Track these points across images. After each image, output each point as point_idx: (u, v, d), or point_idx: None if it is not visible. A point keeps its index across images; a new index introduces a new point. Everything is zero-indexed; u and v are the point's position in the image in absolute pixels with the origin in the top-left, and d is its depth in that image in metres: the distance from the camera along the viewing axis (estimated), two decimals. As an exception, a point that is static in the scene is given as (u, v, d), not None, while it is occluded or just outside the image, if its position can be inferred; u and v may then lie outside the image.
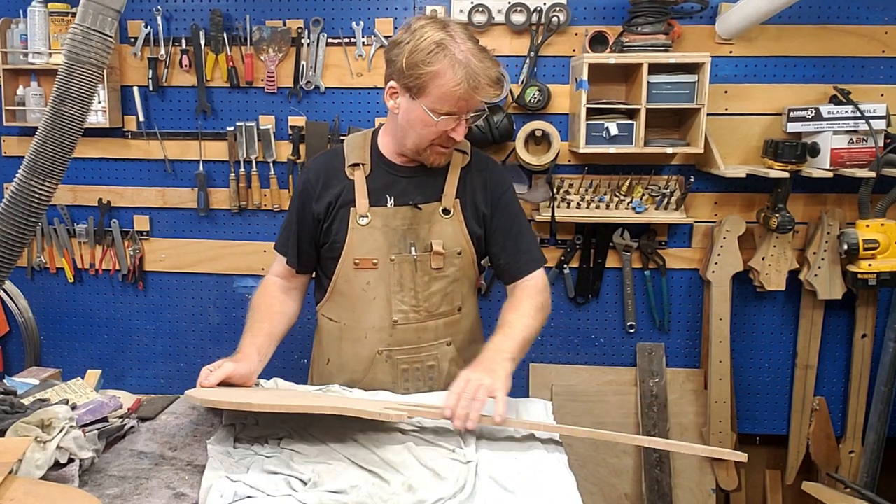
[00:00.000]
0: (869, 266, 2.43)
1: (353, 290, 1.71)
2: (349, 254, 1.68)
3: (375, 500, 1.17)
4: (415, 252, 1.67)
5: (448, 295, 1.72)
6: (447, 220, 1.69)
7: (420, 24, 1.55)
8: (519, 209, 1.78)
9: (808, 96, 2.55)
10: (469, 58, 1.50)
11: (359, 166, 1.70)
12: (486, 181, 1.74)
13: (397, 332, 1.70)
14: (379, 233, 1.67)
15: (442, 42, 1.50)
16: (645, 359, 2.74)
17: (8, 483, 1.05)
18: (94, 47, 1.24)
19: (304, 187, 1.74)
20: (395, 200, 1.68)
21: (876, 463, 2.61)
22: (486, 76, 1.51)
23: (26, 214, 1.25)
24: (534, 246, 1.77)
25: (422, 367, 1.73)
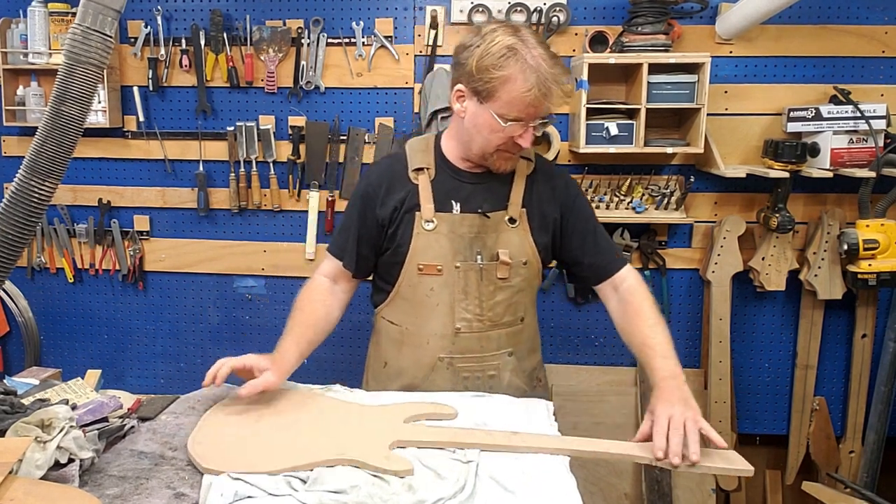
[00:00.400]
0: (869, 266, 2.43)
1: (416, 295, 1.68)
2: (413, 259, 1.65)
3: (375, 500, 1.17)
4: (481, 260, 1.64)
5: (512, 305, 1.69)
6: (513, 230, 1.66)
7: (491, 28, 1.52)
8: (591, 211, 1.75)
9: (808, 96, 2.55)
10: (540, 63, 1.47)
11: (423, 171, 1.67)
12: (555, 188, 1.70)
13: (460, 340, 1.67)
14: (445, 239, 1.64)
15: (513, 47, 1.47)
16: (645, 359, 2.73)
17: (8, 483, 1.05)
18: (94, 47, 1.24)
19: (365, 192, 1.70)
20: (462, 207, 1.64)
21: (876, 463, 2.61)
22: (557, 83, 1.48)
23: (26, 214, 1.25)
24: (613, 245, 1.76)
25: (482, 377, 1.70)
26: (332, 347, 2.88)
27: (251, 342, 2.91)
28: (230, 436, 1.36)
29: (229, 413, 1.46)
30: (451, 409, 1.49)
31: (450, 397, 1.58)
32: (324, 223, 2.77)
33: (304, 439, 1.35)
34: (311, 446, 1.32)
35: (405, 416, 1.45)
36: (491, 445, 1.36)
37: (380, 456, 1.29)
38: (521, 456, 1.33)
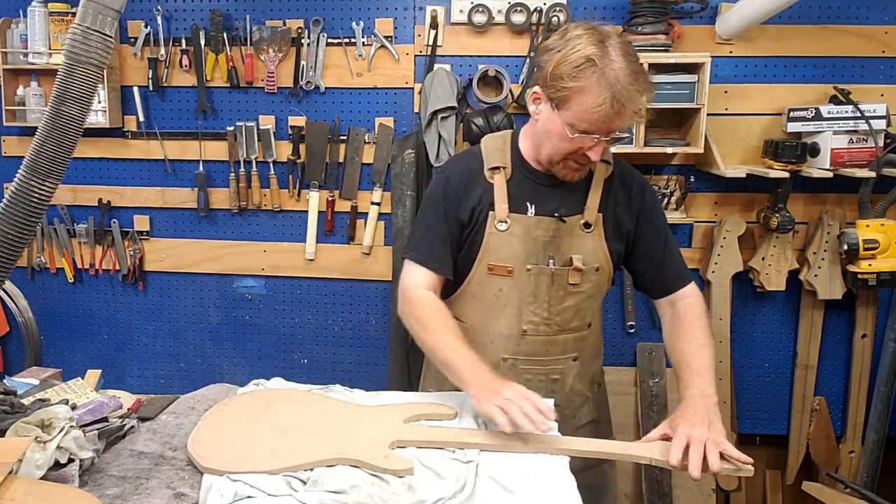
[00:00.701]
0: (869, 266, 2.43)
1: (484, 294, 1.65)
2: (484, 258, 1.62)
3: (375, 500, 1.17)
4: (553, 265, 1.61)
5: (581, 311, 1.66)
6: (587, 235, 1.62)
7: (576, 34, 1.44)
8: (664, 221, 1.70)
9: (808, 96, 2.55)
10: (619, 78, 1.39)
11: (499, 170, 1.62)
12: (631, 193, 1.66)
13: (525, 343, 1.64)
14: (518, 241, 1.60)
15: (592, 57, 1.40)
16: (645, 359, 2.74)
17: (8, 483, 1.05)
18: (94, 47, 1.24)
19: (446, 192, 1.64)
20: (536, 209, 1.60)
21: (876, 463, 2.61)
22: (633, 102, 1.41)
23: (26, 214, 1.25)
24: (681, 260, 1.70)
25: (545, 380, 1.67)
26: (332, 347, 2.88)
27: (251, 342, 2.91)
28: (230, 436, 1.36)
29: (229, 413, 1.46)
30: (450, 409, 1.49)
31: (449, 397, 1.58)
32: (324, 223, 2.77)
33: (303, 439, 1.35)
34: (310, 446, 1.32)
35: (405, 416, 1.45)
36: (491, 445, 1.36)
37: (379, 456, 1.29)
38: (520, 456, 1.33)
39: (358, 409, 1.50)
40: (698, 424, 1.34)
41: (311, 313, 2.88)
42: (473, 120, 2.50)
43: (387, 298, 2.79)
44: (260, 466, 1.24)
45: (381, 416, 1.46)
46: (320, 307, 2.86)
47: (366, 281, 2.82)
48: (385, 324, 2.81)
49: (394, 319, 2.73)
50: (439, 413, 1.48)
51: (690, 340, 1.57)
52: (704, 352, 1.54)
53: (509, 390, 1.36)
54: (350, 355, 2.89)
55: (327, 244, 2.81)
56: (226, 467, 1.24)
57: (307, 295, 2.86)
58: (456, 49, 2.62)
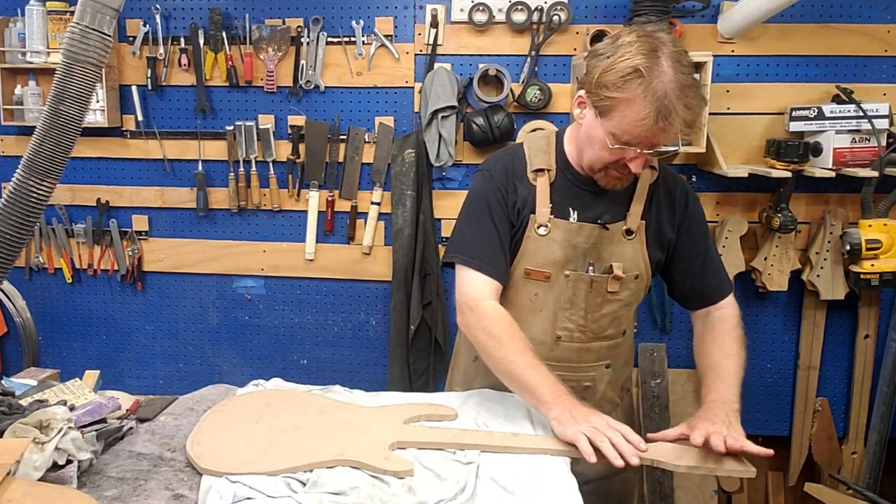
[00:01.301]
0: (871, 266, 2.43)
1: (519, 298, 1.61)
2: (522, 262, 1.58)
3: (375, 501, 1.16)
4: (593, 272, 1.57)
5: (616, 318, 1.62)
6: (629, 242, 1.57)
7: (627, 41, 1.39)
8: (706, 230, 1.66)
9: (810, 95, 2.54)
10: (667, 92, 1.33)
11: (543, 172, 1.57)
12: (674, 201, 1.61)
13: (558, 349, 1.61)
14: (557, 246, 1.56)
15: (640, 68, 1.34)
16: (646, 359, 2.73)
17: (6, 484, 1.04)
18: (92, 46, 1.24)
19: (495, 191, 1.58)
20: (579, 215, 1.56)
21: (878, 464, 2.60)
22: (682, 118, 1.35)
23: (24, 214, 1.24)
24: (721, 269, 1.67)
25: (577, 387, 1.60)
26: (332, 348, 2.87)
27: (251, 343, 2.90)
28: (229, 436, 1.35)
29: (228, 414, 1.45)
30: (450, 410, 1.48)
31: (449, 398, 1.58)
32: (323, 223, 2.76)
33: (303, 440, 1.34)
34: (310, 447, 1.31)
35: (405, 417, 1.44)
36: (491, 446, 1.35)
37: (379, 457, 1.28)
38: (521, 457, 1.32)
39: (357, 409, 1.50)
40: (718, 424, 1.33)
41: (311, 313, 2.87)
42: (474, 119, 2.49)
43: (387, 298, 2.79)
44: (260, 467, 1.24)
45: (381, 416, 1.45)
46: (320, 307, 2.85)
47: (366, 281, 2.82)
48: (385, 324, 2.80)
49: (394, 319, 2.73)
50: (439, 414, 1.48)
51: (720, 349, 1.56)
52: (733, 360, 1.53)
53: (598, 419, 1.31)
54: (350, 355, 2.88)
55: (327, 244, 2.80)
56: (225, 468, 1.23)
57: (307, 295, 2.85)
58: (456, 48, 2.62)
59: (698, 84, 1.42)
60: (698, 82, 1.41)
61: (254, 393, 1.58)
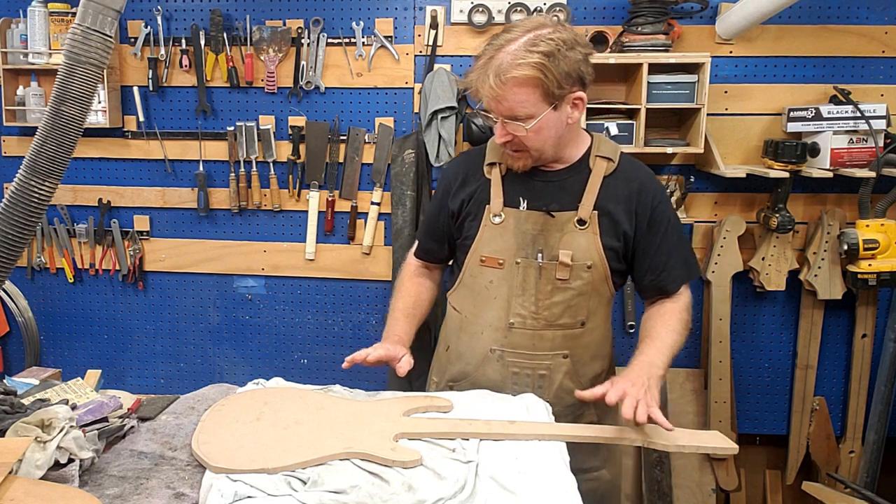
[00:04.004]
0: (869, 266, 2.43)
1: (476, 285, 1.70)
2: (477, 250, 1.67)
3: (375, 500, 1.17)
4: (541, 259, 1.62)
5: (571, 307, 1.65)
6: (581, 232, 1.61)
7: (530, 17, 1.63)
8: (670, 221, 1.67)
9: (808, 96, 2.55)
10: (496, 61, 1.48)
11: (496, 165, 1.68)
12: (633, 194, 1.63)
13: (512, 335, 1.66)
14: (510, 234, 1.64)
15: (495, 37, 1.52)
16: (645, 359, 2.73)
17: (8, 483, 1.05)
18: (94, 47, 1.24)
19: (443, 184, 1.77)
20: (529, 204, 1.63)
21: (876, 463, 2.61)
22: (490, 83, 1.48)
23: (26, 214, 1.25)
24: (681, 261, 1.68)
25: (532, 375, 1.67)
26: (331, 347, 2.88)
27: (251, 342, 2.91)
28: (235, 435, 1.36)
29: (228, 412, 1.46)
30: (446, 401, 1.51)
31: (450, 396, 1.59)
32: (324, 223, 2.77)
33: (308, 435, 1.35)
34: (316, 442, 1.32)
35: (403, 409, 1.46)
36: (489, 434, 1.36)
37: (386, 448, 1.29)
38: (521, 455, 1.33)
39: (355, 403, 1.51)
40: (637, 384, 1.40)
41: (311, 313, 2.88)
42: (473, 120, 2.50)
43: (387, 298, 2.79)
44: (270, 463, 1.25)
45: (379, 410, 1.47)
46: (320, 307, 2.86)
47: (366, 281, 2.82)
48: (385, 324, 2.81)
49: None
50: (436, 406, 1.49)
51: (664, 324, 1.62)
52: (673, 337, 1.58)
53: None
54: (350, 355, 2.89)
55: (327, 244, 2.81)
56: (236, 466, 1.24)
57: (307, 295, 2.86)
58: (456, 49, 2.62)
59: (536, 59, 1.46)
60: (545, 60, 1.46)
61: (251, 391, 1.59)
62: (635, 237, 1.65)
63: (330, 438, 1.33)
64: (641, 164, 1.71)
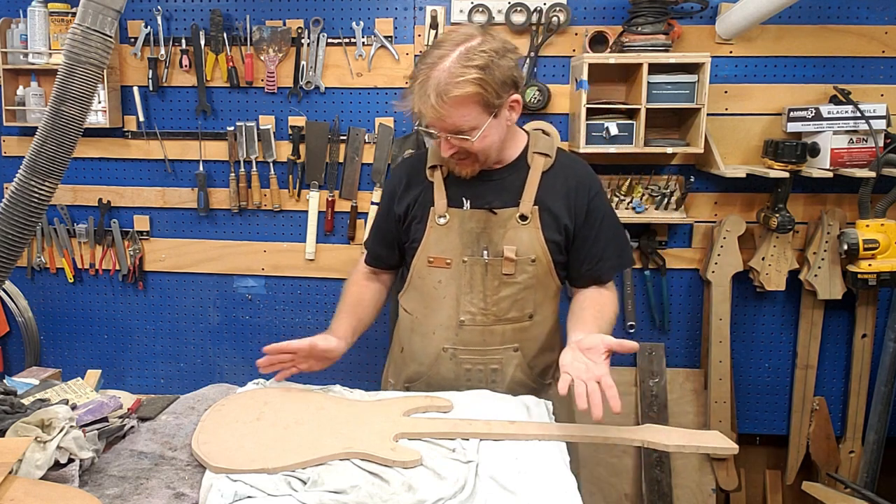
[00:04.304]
0: (869, 266, 2.43)
1: (425, 286, 1.73)
2: (424, 251, 1.71)
3: (375, 500, 1.17)
4: (487, 256, 1.66)
5: (518, 301, 1.69)
6: (524, 227, 1.66)
7: (453, 30, 1.56)
8: (605, 212, 1.73)
9: (808, 96, 2.55)
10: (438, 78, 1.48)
11: (437, 168, 1.72)
12: (570, 188, 1.69)
13: (463, 333, 1.70)
14: (455, 234, 1.68)
15: (426, 56, 1.52)
16: (645, 359, 2.74)
17: (8, 483, 1.05)
18: (94, 47, 1.25)
19: (388, 189, 1.81)
20: (471, 203, 1.67)
21: (876, 463, 2.61)
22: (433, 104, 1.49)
23: (26, 214, 1.25)
24: (616, 252, 1.74)
25: (485, 370, 1.72)
26: (332, 347, 2.87)
27: (251, 342, 2.91)
28: (235, 435, 1.36)
29: (228, 412, 1.46)
30: (446, 401, 1.51)
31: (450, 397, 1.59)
32: (324, 223, 2.77)
33: (308, 435, 1.36)
34: (317, 442, 1.32)
35: (403, 409, 1.46)
36: (489, 434, 1.36)
37: (386, 448, 1.29)
38: (520, 456, 1.33)
39: (355, 404, 1.51)
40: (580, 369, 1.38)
41: (311, 313, 2.88)
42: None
43: (387, 298, 2.79)
44: (270, 463, 1.25)
45: (379, 409, 1.47)
46: (320, 307, 2.86)
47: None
48: (385, 324, 2.81)
49: (394, 319, 2.73)
50: (436, 406, 1.50)
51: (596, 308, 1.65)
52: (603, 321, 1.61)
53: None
54: (350, 355, 2.86)
55: (327, 244, 2.81)
56: (236, 466, 1.24)
57: (307, 295, 2.86)
58: (456, 49, 2.62)
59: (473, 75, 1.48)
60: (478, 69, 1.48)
61: (251, 391, 1.59)
62: (574, 230, 1.70)
63: (330, 438, 1.33)
64: (578, 158, 1.78)
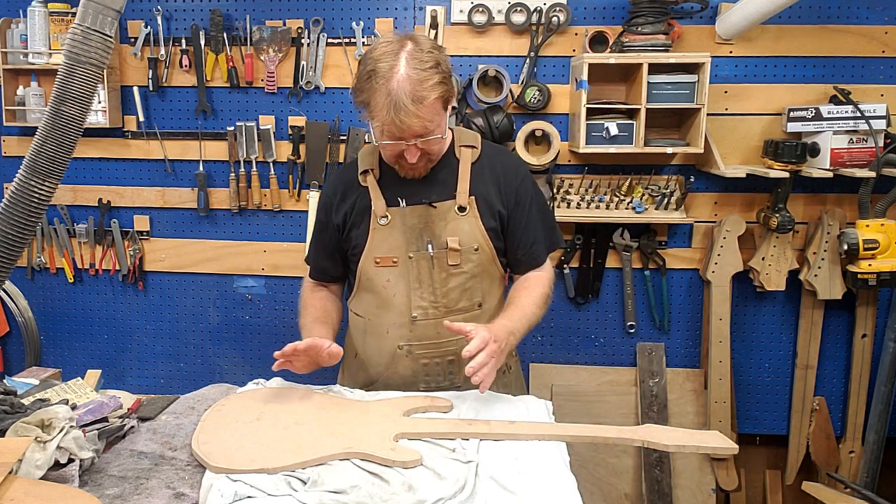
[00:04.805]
0: (869, 266, 2.43)
1: (374, 287, 1.73)
2: (370, 253, 1.71)
3: (375, 499, 1.17)
4: (432, 249, 1.68)
5: (467, 290, 1.72)
6: (463, 218, 1.69)
7: (375, 45, 1.55)
8: (534, 196, 1.77)
9: (808, 96, 2.55)
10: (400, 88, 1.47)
11: (368, 172, 1.73)
12: (499, 176, 1.73)
13: (417, 328, 1.71)
14: (398, 231, 1.69)
15: (375, 71, 1.49)
16: (645, 359, 2.74)
17: (8, 483, 1.05)
18: (94, 47, 1.25)
19: (324, 202, 1.81)
20: (408, 201, 1.69)
21: (876, 463, 2.61)
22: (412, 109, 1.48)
23: (26, 214, 1.26)
24: (546, 234, 1.79)
25: (441, 363, 1.73)
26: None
27: (251, 342, 2.91)
28: (235, 434, 1.36)
29: (228, 412, 1.46)
30: (446, 401, 1.51)
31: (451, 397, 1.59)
32: (324, 223, 2.77)
33: (308, 435, 1.36)
34: (316, 442, 1.32)
35: (403, 409, 1.47)
36: (489, 434, 1.37)
37: (386, 448, 1.30)
38: (520, 456, 1.33)
39: (355, 404, 1.51)
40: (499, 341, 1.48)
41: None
42: (473, 120, 2.50)
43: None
44: (270, 463, 1.25)
45: (380, 410, 1.47)
46: (320, 307, 2.86)
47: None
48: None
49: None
50: (436, 406, 1.50)
51: (529, 295, 1.71)
52: (533, 310, 1.68)
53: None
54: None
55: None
56: (236, 466, 1.24)
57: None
58: (456, 49, 2.62)
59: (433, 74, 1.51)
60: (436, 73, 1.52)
61: (251, 391, 1.59)
62: (507, 215, 1.74)
63: (330, 438, 1.33)
64: (502, 147, 1.83)
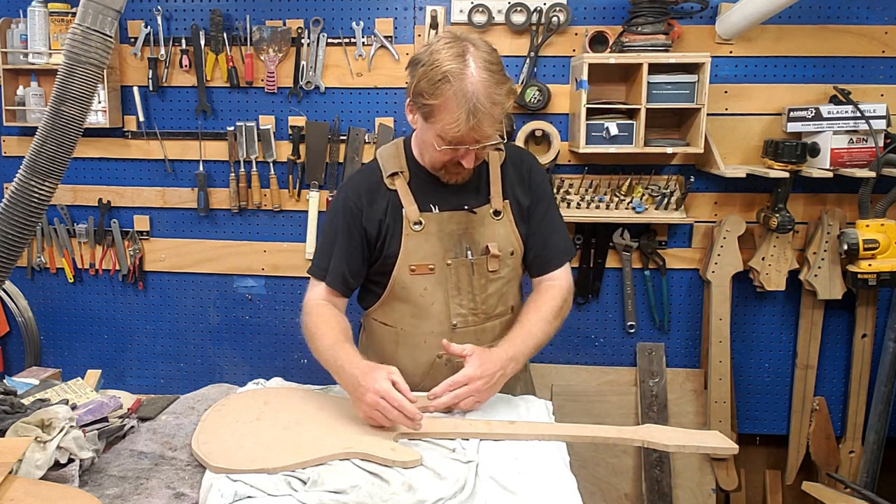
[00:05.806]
0: (869, 266, 2.43)
1: (410, 296, 1.67)
2: (405, 260, 1.64)
3: (375, 499, 1.17)
4: (471, 255, 1.65)
5: (503, 296, 1.71)
6: (499, 222, 1.67)
7: (438, 47, 1.47)
8: (551, 199, 1.76)
9: (808, 96, 2.55)
10: (477, 91, 1.42)
11: (398, 174, 1.66)
12: (523, 175, 1.72)
13: (457, 337, 1.65)
14: (434, 238, 1.64)
15: (449, 74, 1.42)
16: (645, 359, 2.74)
17: (8, 483, 1.05)
18: (94, 47, 1.25)
19: (346, 207, 1.66)
20: (440, 207, 1.64)
21: (876, 463, 2.61)
22: (490, 114, 1.43)
23: (26, 214, 1.26)
24: (562, 238, 1.75)
25: None
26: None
27: (251, 342, 2.91)
28: (235, 434, 1.36)
29: (228, 412, 1.46)
30: None
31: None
32: (324, 223, 2.77)
33: (308, 435, 1.36)
34: (316, 442, 1.33)
35: None
36: (489, 434, 1.37)
37: (386, 448, 1.30)
38: (520, 456, 1.33)
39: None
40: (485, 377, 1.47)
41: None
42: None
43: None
44: (270, 463, 1.25)
45: None
46: (320, 307, 2.86)
47: (366, 281, 2.82)
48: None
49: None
50: None
51: (536, 311, 1.66)
52: (542, 326, 1.63)
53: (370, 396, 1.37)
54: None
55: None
56: (235, 466, 1.25)
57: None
58: (456, 49, 2.62)
59: (506, 77, 1.49)
60: (506, 78, 1.49)
61: (251, 391, 1.60)
62: (531, 215, 1.72)
63: (330, 438, 1.33)
64: (520, 147, 1.82)
